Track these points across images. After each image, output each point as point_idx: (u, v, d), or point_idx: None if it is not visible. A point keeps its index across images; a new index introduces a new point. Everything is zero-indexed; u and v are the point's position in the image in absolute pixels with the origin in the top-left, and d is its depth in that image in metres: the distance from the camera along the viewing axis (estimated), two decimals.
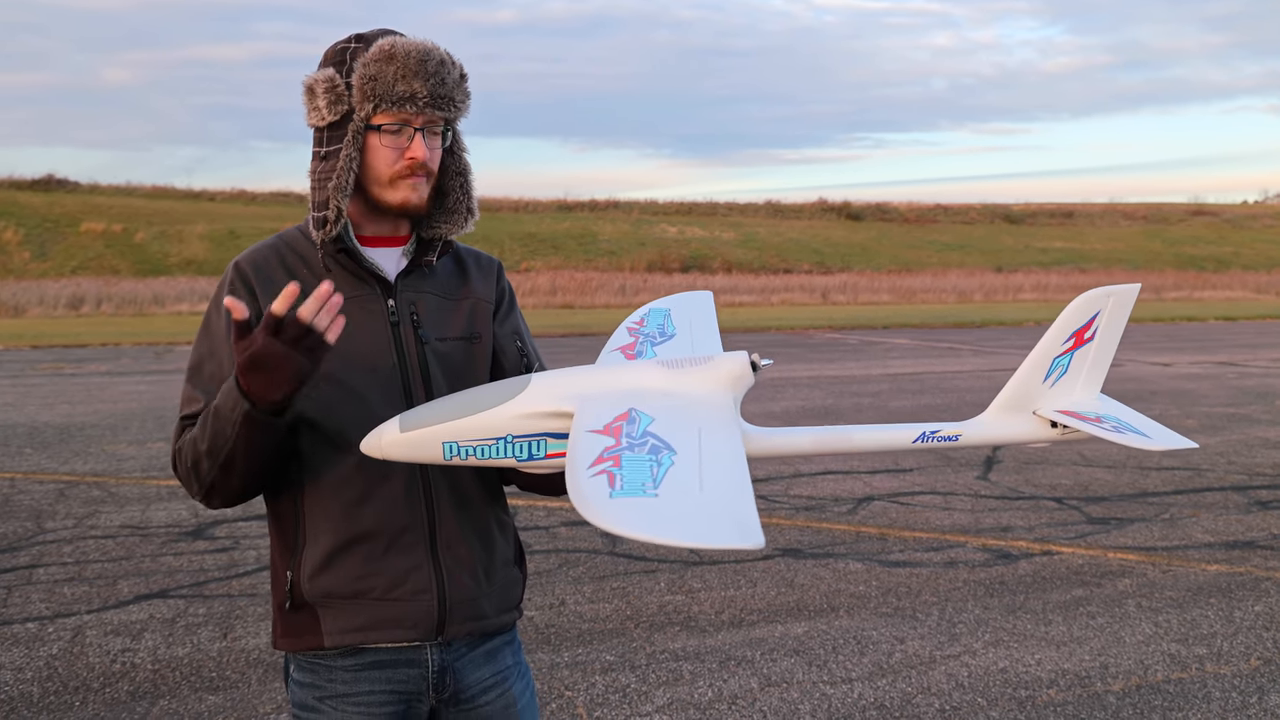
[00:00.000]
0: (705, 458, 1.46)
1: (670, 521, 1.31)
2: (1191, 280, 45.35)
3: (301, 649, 1.86)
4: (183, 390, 1.87)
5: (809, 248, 51.50)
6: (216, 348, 1.84)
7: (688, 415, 1.61)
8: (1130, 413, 1.94)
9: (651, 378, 1.72)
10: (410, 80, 1.80)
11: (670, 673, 4.36)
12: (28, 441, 9.61)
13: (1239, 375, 14.93)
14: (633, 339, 2.10)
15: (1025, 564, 5.86)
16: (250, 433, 1.68)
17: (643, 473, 1.40)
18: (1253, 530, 6.55)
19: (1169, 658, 4.53)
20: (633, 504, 1.34)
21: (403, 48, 1.81)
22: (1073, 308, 1.89)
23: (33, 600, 5.22)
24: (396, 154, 1.82)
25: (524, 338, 2.06)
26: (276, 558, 1.89)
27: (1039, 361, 1.91)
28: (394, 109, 1.80)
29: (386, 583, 1.83)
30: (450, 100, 1.84)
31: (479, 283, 2.01)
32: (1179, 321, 27.99)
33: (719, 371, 1.72)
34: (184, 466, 1.80)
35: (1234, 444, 9.47)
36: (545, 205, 56.28)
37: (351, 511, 1.83)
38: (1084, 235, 59.74)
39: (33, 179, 49.43)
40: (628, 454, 1.46)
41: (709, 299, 2.36)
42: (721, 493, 1.37)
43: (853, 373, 15.29)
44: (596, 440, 1.52)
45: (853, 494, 7.48)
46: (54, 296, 30.23)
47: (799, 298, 37.51)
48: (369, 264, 1.86)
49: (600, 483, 1.39)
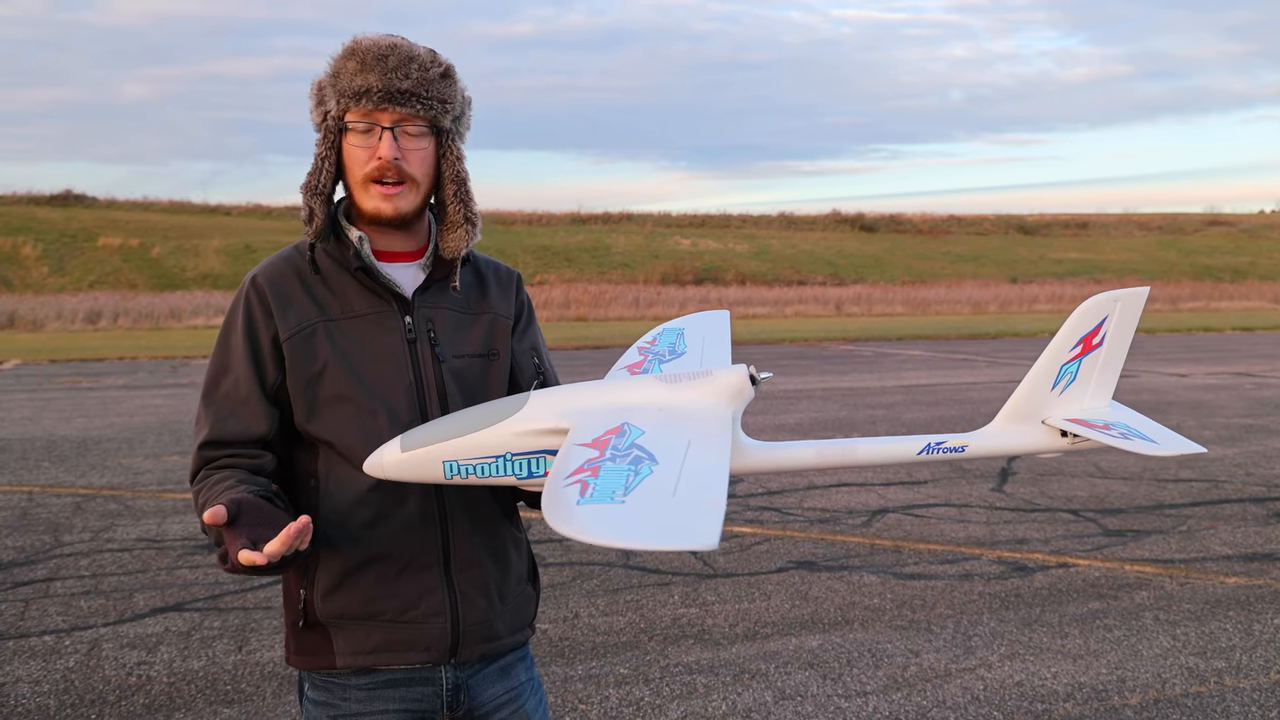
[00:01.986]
0: (687, 469, 1.46)
1: (625, 526, 1.31)
2: (1208, 290, 45.08)
3: (314, 668, 1.86)
4: (198, 408, 1.86)
5: (823, 259, 51.45)
6: (233, 364, 1.83)
7: (680, 428, 1.61)
8: (1141, 419, 1.91)
9: (650, 393, 1.73)
10: (366, 74, 1.76)
11: (684, 686, 4.35)
12: (45, 455, 9.67)
13: (1257, 386, 14.83)
14: (642, 357, 2.10)
15: (1041, 576, 5.82)
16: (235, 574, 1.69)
17: (617, 481, 1.41)
18: (1271, 542, 6.49)
19: (1187, 671, 4.49)
20: (596, 510, 1.35)
21: (365, 43, 1.79)
22: (1079, 313, 1.86)
23: (49, 613, 5.25)
24: (367, 154, 1.80)
25: (541, 354, 2.04)
26: (289, 575, 1.88)
27: (1046, 369, 1.88)
28: (355, 105, 1.78)
29: (400, 605, 1.83)
30: (416, 96, 1.78)
31: (498, 297, 1.98)
32: (1195, 332, 27.82)
33: (717, 385, 1.72)
34: (199, 502, 1.78)
35: (1252, 455, 9.40)
36: (559, 218, 56.39)
37: (365, 533, 1.82)
38: (1099, 246, 59.49)
39: (50, 194, 49.85)
40: (608, 464, 1.47)
41: (725, 318, 2.35)
42: (691, 499, 1.37)
43: (867, 384, 15.25)
44: (582, 453, 1.53)
45: (867, 506, 7.45)
46: (71, 311, 30.44)
47: (813, 309, 37.45)
48: (386, 281, 1.84)
49: (572, 491, 1.40)
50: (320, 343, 1.81)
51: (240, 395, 1.82)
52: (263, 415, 1.82)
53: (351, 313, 1.84)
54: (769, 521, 7.02)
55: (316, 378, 1.81)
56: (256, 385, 1.82)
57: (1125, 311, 1.87)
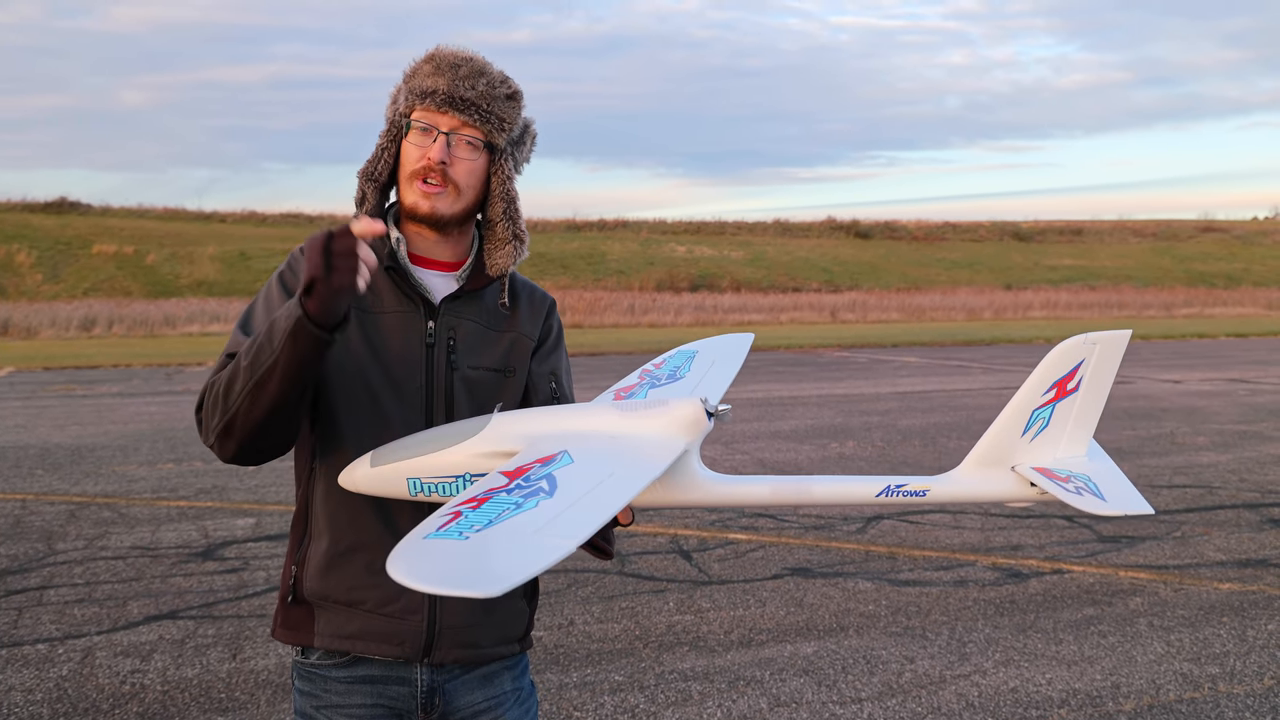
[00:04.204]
0: (579, 505, 1.45)
1: (435, 566, 1.30)
2: (1202, 297, 45.23)
3: (294, 643, 1.91)
4: (231, 337, 1.86)
5: (818, 266, 51.52)
6: (274, 307, 1.85)
7: (612, 459, 1.60)
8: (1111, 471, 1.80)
9: (605, 421, 1.72)
10: (436, 77, 1.85)
11: (679, 693, 4.35)
12: (39, 462, 9.65)
13: (1250, 392, 14.87)
14: (639, 380, 2.08)
15: (1036, 583, 5.83)
16: (296, 344, 1.65)
17: (484, 516, 1.41)
18: (1265, 549, 6.51)
19: (1181, 677, 4.50)
20: (430, 547, 1.34)
21: (445, 51, 1.89)
22: (1053, 355, 1.74)
23: (43, 621, 5.24)
24: (420, 152, 1.87)
25: (560, 380, 2.05)
26: (290, 549, 1.94)
27: (1017, 414, 1.76)
28: (420, 104, 1.86)
29: (381, 596, 1.86)
30: (477, 108, 1.85)
31: (527, 318, 2.01)
32: (1189, 338, 27.90)
33: (671, 416, 1.71)
34: (212, 395, 1.76)
35: (1246, 461, 9.42)
36: (554, 225, 56.41)
37: (358, 518, 1.86)
38: (1093, 252, 59.62)
39: (45, 201, 49.78)
40: (500, 495, 1.47)
41: (746, 342, 2.31)
42: (532, 543, 1.35)
43: (862, 391, 15.27)
44: (493, 480, 1.54)
45: (862, 512, 7.46)
46: (66, 318, 30.37)
47: (808, 316, 37.51)
48: (415, 282, 1.89)
49: (436, 522, 1.41)
50: (351, 329, 1.83)
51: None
52: None
53: (381, 308, 1.89)
54: (764, 528, 7.02)
55: (340, 358, 1.85)
56: None
57: (1104, 356, 1.75)
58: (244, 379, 1.70)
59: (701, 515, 7.29)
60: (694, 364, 2.17)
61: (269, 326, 1.70)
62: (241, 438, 1.74)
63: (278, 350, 1.66)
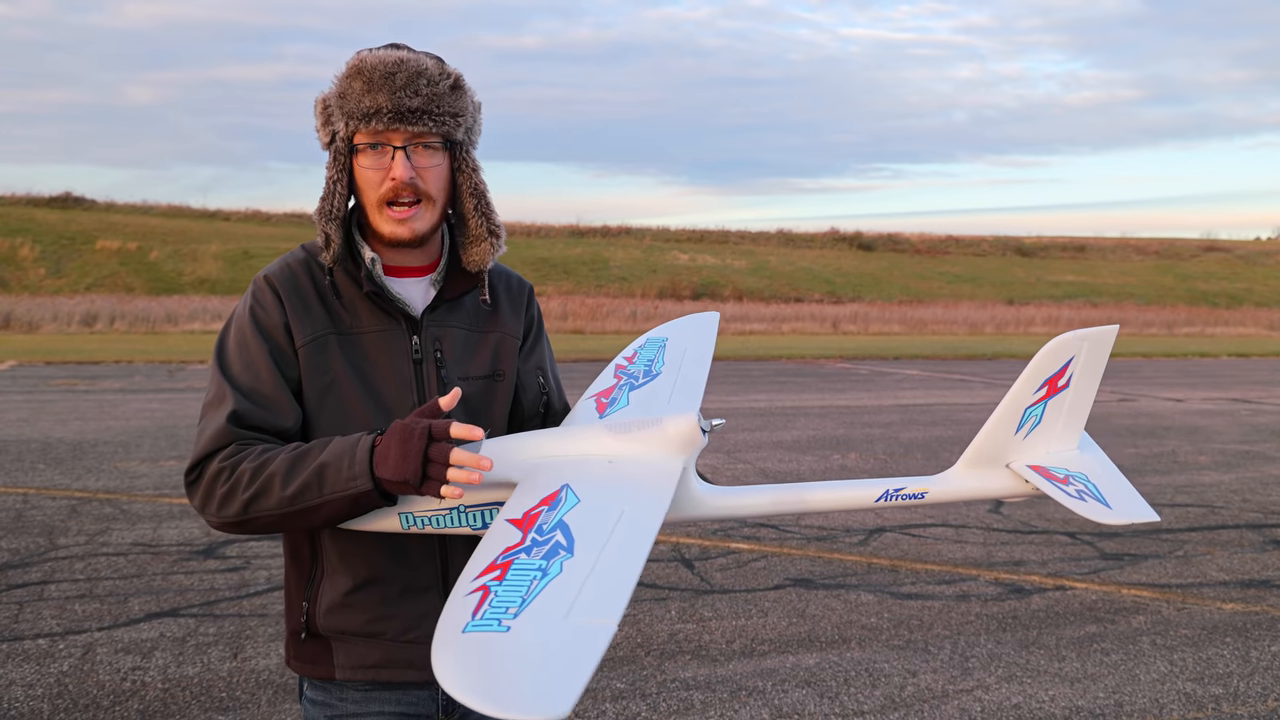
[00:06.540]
0: (604, 561, 1.40)
1: (490, 679, 1.23)
2: (1204, 316, 45.19)
3: (315, 676, 1.87)
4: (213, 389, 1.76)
5: (820, 277, 51.53)
6: (254, 359, 1.77)
7: (617, 492, 1.57)
8: (1107, 470, 1.82)
9: (597, 444, 1.70)
10: (375, 94, 1.72)
11: (681, 702, 4.33)
12: (40, 457, 9.64)
13: (1253, 412, 14.85)
14: (615, 380, 2.04)
15: (1038, 599, 5.82)
16: (355, 507, 1.64)
17: (515, 593, 1.35)
18: (1268, 569, 6.50)
19: (1184, 697, 4.49)
20: (473, 644, 1.28)
21: (371, 61, 1.74)
22: (1044, 353, 1.77)
23: (44, 616, 5.23)
24: (380, 175, 1.76)
25: (546, 372, 2.02)
26: (292, 584, 1.89)
27: (1009, 412, 1.79)
28: (364, 126, 1.73)
29: (400, 626, 1.83)
30: (428, 113, 1.74)
31: (508, 313, 1.97)
32: (1191, 357, 27.88)
33: (666, 435, 1.69)
34: (226, 487, 1.68)
35: (1248, 481, 9.41)
36: (558, 231, 56.45)
37: (369, 553, 1.82)
38: (1096, 269, 59.65)
39: (50, 196, 49.83)
40: (521, 559, 1.42)
41: (712, 322, 2.28)
42: (574, 631, 1.29)
43: (864, 403, 15.26)
44: (505, 535, 1.49)
45: (864, 525, 7.45)
46: (68, 313, 30.38)
47: (810, 327, 37.48)
48: (395, 299, 1.83)
49: (468, 604, 1.34)
50: (333, 354, 1.79)
51: (265, 391, 1.76)
52: (288, 409, 1.77)
53: (361, 328, 1.82)
54: (766, 538, 7.01)
55: (327, 389, 1.79)
56: (280, 380, 1.77)
57: (1093, 352, 1.78)
58: (279, 504, 1.65)
59: (703, 524, 7.28)
60: (666, 354, 2.13)
61: (318, 470, 1.63)
62: (254, 532, 1.73)
63: (328, 498, 1.63)
